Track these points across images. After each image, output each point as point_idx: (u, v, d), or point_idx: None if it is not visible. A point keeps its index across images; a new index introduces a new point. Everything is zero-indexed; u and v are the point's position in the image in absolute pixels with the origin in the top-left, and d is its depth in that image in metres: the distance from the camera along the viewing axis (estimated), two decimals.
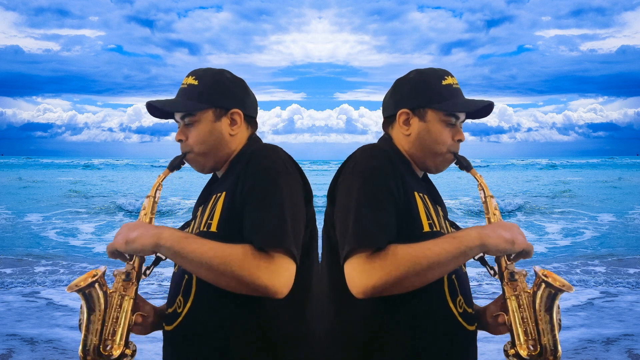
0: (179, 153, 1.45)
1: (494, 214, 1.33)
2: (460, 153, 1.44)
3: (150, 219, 1.34)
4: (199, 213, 1.38)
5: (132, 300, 1.28)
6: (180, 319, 1.30)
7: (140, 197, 16.45)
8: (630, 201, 16.98)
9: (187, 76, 1.43)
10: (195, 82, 1.40)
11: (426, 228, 1.28)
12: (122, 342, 1.25)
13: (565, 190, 21.90)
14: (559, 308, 1.26)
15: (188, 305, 1.29)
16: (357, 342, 1.27)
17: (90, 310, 1.25)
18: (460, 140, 1.40)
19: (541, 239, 10.14)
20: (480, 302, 1.47)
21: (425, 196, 1.34)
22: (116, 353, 1.24)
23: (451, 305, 1.29)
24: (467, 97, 1.43)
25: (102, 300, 1.26)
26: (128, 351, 1.25)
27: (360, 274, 1.17)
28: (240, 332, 1.25)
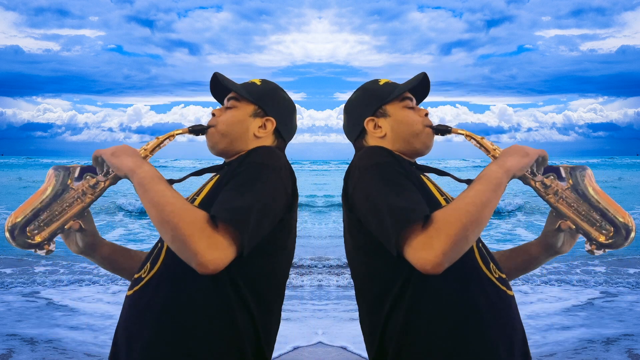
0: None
1: (494, 149, 1.38)
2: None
3: (146, 156, 1.36)
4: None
5: (81, 206, 1.30)
6: (141, 284, 1.28)
7: None
8: (630, 201, 16.98)
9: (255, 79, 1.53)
10: (258, 82, 1.50)
11: (443, 203, 1.31)
12: (47, 235, 1.28)
13: None
14: (592, 181, 1.31)
15: (153, 271, 1.27)
16: (395, 331, 1.22)
17: (48, 188, 1.29)
18: (426, 114, 1.47)
19: None
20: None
21: (429, 177, 1.41)
22: (37, 239, 1.27)
23: (486, 272, 1.28)
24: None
25: (59, 186, 1.29)
26: (47, 246, 1.28)
27: (422, 250, 1.11)
28: (199, 310, 1.21)
